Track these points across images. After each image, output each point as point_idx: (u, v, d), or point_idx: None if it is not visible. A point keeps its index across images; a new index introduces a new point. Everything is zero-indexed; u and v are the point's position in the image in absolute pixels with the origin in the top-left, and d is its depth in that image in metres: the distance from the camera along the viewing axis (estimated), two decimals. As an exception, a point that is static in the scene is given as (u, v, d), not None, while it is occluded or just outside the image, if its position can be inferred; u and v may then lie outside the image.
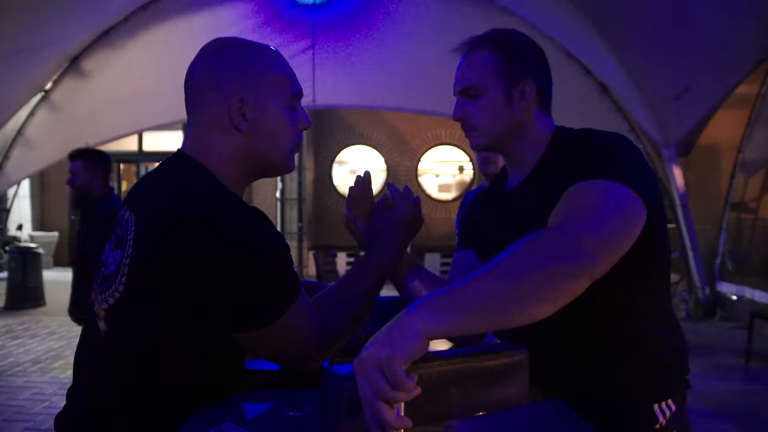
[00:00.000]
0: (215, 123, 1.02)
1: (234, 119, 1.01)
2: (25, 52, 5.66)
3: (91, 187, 2.97)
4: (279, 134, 1.05)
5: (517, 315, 0.82)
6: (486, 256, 1.23)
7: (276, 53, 1.08)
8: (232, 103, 1.00)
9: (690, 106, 5.89)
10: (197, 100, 1.04)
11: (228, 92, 1.01)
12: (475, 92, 1.16)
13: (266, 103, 1.03)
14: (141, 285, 0.94)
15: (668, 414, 1.12)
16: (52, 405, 3.82)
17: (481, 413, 0.84)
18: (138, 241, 0.95)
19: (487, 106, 1.15)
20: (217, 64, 1.03)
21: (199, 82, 1.04)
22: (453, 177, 11.60)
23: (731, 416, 3.81)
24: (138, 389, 0.96)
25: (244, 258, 0.91)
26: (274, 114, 1.03)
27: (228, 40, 1.07)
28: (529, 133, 1.17)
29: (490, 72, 1.14)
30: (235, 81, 1.01)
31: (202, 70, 1.04)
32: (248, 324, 0.95)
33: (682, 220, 6.80)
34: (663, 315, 1.17)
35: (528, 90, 1.15)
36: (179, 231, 0.91)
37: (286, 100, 1.05)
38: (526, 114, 1.16)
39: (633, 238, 0.94)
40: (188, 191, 0.96)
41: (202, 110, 1.03)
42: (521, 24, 6.13)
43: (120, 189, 12.06)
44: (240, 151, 1.03)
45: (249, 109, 1.01)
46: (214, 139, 1.02)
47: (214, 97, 1.01)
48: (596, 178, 0.97)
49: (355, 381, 0.74)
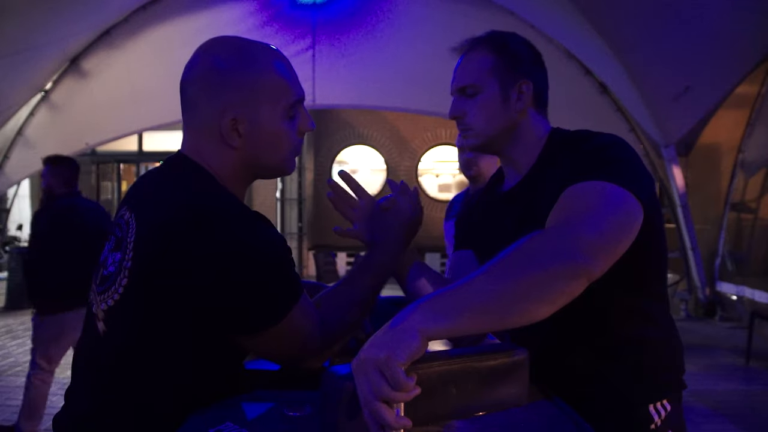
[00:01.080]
0: (209, 133, 1.00)
1: (226, 136, 0.99)
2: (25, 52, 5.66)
3: (52, 188, 3.33)
4: (276, 145, 1.02)
5: (516, 315, 0.82)
6: (483, 257, 1.23)
7: (277, 53, 1.04)
8: (225, 120, 0.98)
9: (690, 106, 5.89)
10: (191, 105, 1.02)
11: (220, 106, 0.98)
12: (472, 91, 1.16)
13: (262, 118, 1.00)
14: (142, 287, 0.94)
15: (663, 414, 1.12)
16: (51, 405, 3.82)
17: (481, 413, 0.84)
18: (139, 244, 0.95)
19: (483, 104, 1.16)
20: (212, 70, 0.99)
21: (193, 87, 1.01)
22: (453, 177, 11.60)
23: (731, 416, 3.81)
24: (137, 390, 0.96)
25: (247, 262, 0.91)
26: (270, 127, 1.01)
27: (226, 41, 1.03)
28: (525, 134, 1.18)
29: (487, 71, 1.15)
30: (228, 94, 0.98)
31: (197, 74, 1.00)
32: (251, 327, 0.94)
33: (682, 220, 6.80)
34: (659, 315, 1.17)
35: (525, 90, 1.15)
36: (181, 235, 0.91)
37: (286, 109, 1.01)
38: (522, 114, 1.16)
39: (631, 238, 0.94)
40: (190, 194, 0.95)
41: (195, 117, 1.01)
42: (521, 24, 6.13)
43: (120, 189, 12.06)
44: (235, 160, 1.01)
45: (243, 125, 0.99)
46: (208, 146, 1.01)
47: (206, 107, 0.99)
48: (593, 179, 0.97)
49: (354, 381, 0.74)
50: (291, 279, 0.96)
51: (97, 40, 6.64)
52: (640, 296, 1.14)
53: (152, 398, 0.95)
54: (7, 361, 4.93)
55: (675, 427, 1.14)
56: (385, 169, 11.45)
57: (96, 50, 6.70)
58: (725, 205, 7.26)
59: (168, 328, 0.94)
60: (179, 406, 0.94)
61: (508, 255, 0.84)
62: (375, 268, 1.12)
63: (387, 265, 1.14)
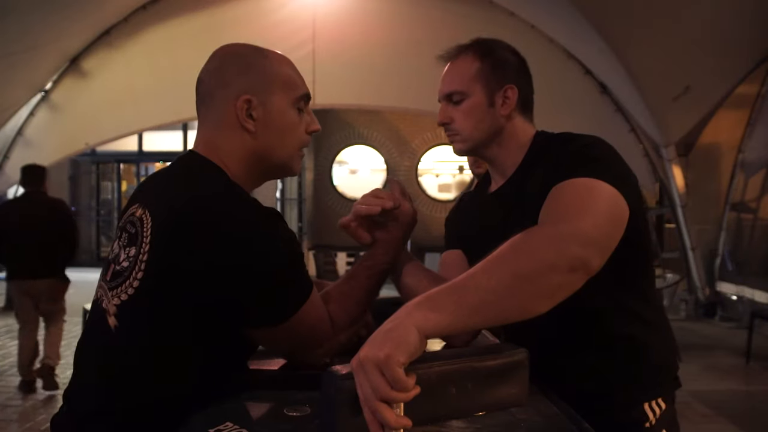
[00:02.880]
0: (223, 122, 1.04)
1: (241, 119, 1.03)
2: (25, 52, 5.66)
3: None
4: (286, 134, 1.07)
5: (514, 310, 0.83)
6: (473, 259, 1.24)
7: (283, 57, 1.11)
8: (239, 103, 1.03)
9: (690, 106, 5.88)
10: (206, 99, 1.07)
11: (235, 92, 1.03)
12: (458, 97, 1.19)
13: (274, 104, 1.05)
14: (157, 283, 0.95)
15: (658, 413, 1.13)
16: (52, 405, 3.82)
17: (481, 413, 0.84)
18: (155, 240, 0.96)
19: (470, 110, 1.18)
20: (226, 65, 1.06)
21: (208, 82, 1.07)
22: (453, 177, 11.60)
23: (731, 416, 3.81)
24: (142, 388, 0.96)
25: (262, 259, 0.94)
26: (281, 114, 1.06)
27: (237, 44, 1.10)
28: (511, 138, 1.20)
29: (473, 77, 1.18)
30: (243, 81, 1.04)
31: (211, 72, 1.07)
32: (264, 322, 0.97)
33: (682, 220, 6.79)
34: (651, 314, 1.18)
35: (510, 95, 1.18)
36: (197, 230, 0.93)
37: (294, 101, 1.07)
38: (508, 119, 1.19)
39: (621, 232, 0.96)
40: (205, 191, 0.98)
41: (211, 110, 1.06)
42: (521, 24, 6.13)
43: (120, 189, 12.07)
44: (248, 151, 1.05)
45: (256, 109, 1.04)
46: (223, 138, 1.05)
47: (222, 97, 1.04)
48: (581, 176, 0.99)
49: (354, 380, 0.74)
50: (303, 274, 0.99)
51: (97, 40, 6.63)
52: (630, 294, 1.15)
53: (158, 396, 0.96)
54: (7, 361, 4.93)
55: (669, 425, 1.15)
56: (385, 169, 11.44)
57: (96, 50, 6.70)
58: (725, 205, 7.26)
59: (182, 324, 0.95)
60: (182, 405, 0.94)
61: (503, 250, 0.85)
62: (377, 266, 1.14)
63: (388, 263, 1.16)
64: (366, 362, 0.73)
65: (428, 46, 3.00)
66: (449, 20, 6.06)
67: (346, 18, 6.44)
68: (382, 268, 1.14)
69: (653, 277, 1.22)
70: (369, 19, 6.45)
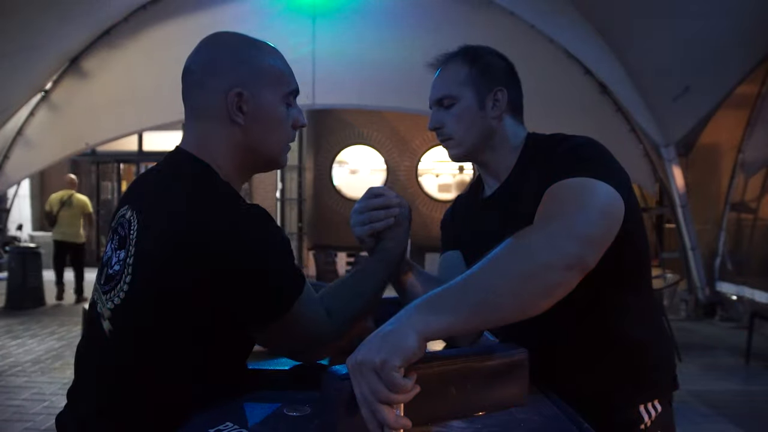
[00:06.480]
0: (212, 115, 1.03)
1: (231, 112, 1.02)
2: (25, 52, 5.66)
3: None
4: (275, 129, 1.06)
5: (513, 310, 0.83)
6: (470, 261, 1.24)
7: (274, 49, 1.09)
8: (230, 96, 1.01)
9: (690, 106, 5.88)
10: (195, 90, 1.05)
11: (226, 85, 1.02)
12: (449, 102, 1.20)
13: (263, 98, 1.04)
14: (147, 285, 0.95)
15: (654, 415, 1.13)
16: (52, 405, 3.83)
17: (481, 413, 0.84)
18: (142, 242, 0.96)
19: (461, 114, 1.19)
20: (216, 56, 1.04)
21: (196, 73, 1.04)
22: (453, 177, 11.61)
23: (731, 416, 3.81)
24: (141, 389, 0.96)
25: (251, 257, 0.93)
26: (271, 108, 1.05)
27: (227, 33, 1.08)
28: (504, 141, 1.21)
29: (462, 82, 1.19)
30: (234, 74, 1.02)
31: (201, 61, 1.05)
32: (256, 321, 0.96)
33: (682, 220, 6.79)
34: (647, 315, 1.18)
35: (500, 98, 1.19)
36: (184, 231, 0.92)
37: (283, 96, 1.06)
38: (498, 121, 1.20)
39: (616, 229, 0.96)
40: (193, 193, 0.96)
41: (199, 101, 1.04)
42: (521, 24, 6.13)
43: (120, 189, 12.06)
44: (237, 145, 1.04)
45: (246, 103, 1.02)
46: (211, 131, 1.03)
47: (212, 89, 1.03)
48: (575, 175, 1.00)
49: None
50: (293, 271, 0.98)
51: (97, 40, 6.64)
52: (627, 295, 1.15)
53: (155, 397, 0.96)
54: (7, 361, 4.93)
55: (665, 428, 1.14)
56: (385, 169, 11.45)
57: (96, 50, 6.70)
58: (725, 205, 7.26)
59: (174, 326, 0.94)
60: (181, 406, 0.94)
61: (501, 251, 0.85)
62: (379, 264, 1.14)
63: (391, 264, 1.16)
64: (363, 366, 0.73)
65: (429, 46, 2.99)
66: (450, 20, 6.06)
67: (346, 18, 6.44)
68: (383, 265, 1.14)
69: (649, 277, 1.22)
70: (369, 19, 6.45)
